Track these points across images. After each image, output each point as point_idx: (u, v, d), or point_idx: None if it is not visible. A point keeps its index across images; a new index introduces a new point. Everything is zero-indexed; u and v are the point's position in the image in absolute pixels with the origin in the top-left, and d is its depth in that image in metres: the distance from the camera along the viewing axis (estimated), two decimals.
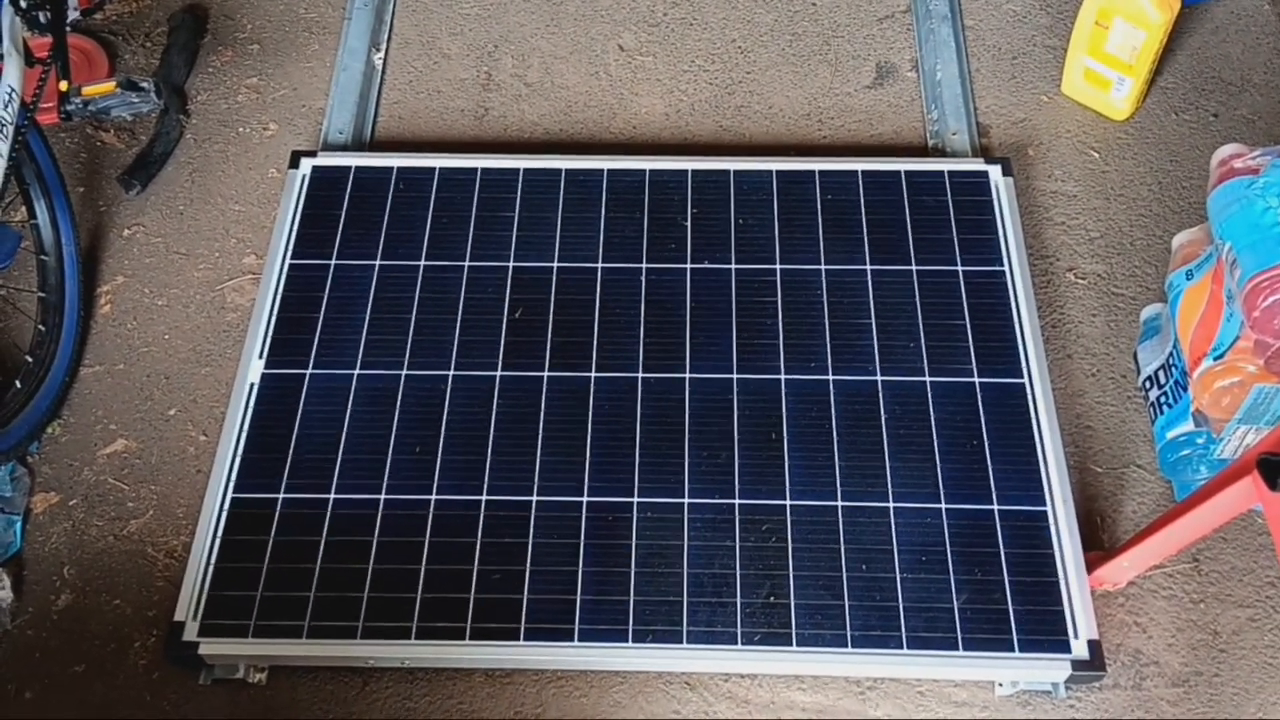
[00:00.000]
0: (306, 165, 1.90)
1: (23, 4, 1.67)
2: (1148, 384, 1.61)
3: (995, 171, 1.86)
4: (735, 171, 1.89)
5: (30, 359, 1.70)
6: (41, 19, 1.72)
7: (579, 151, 2.01)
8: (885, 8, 2.17)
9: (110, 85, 1.74)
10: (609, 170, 1.90)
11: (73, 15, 2.12)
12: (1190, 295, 1.45)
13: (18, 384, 1.65)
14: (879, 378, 1.66)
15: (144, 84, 1.78)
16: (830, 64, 2.11)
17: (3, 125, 1.56)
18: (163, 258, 1.90)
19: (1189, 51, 2.06)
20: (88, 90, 1.74)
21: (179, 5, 2.22)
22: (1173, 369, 1.52)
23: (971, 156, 1.94)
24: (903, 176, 1.87)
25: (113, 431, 1.72)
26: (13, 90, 1.59)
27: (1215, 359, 1.37)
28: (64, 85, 1.73)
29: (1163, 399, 1.54)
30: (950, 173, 1.87)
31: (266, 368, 1.69)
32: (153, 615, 1.57)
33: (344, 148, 1.99)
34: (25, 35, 1.69)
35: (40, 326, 1.72)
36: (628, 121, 2.05)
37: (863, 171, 1.88)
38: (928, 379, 1.65)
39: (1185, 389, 1.48)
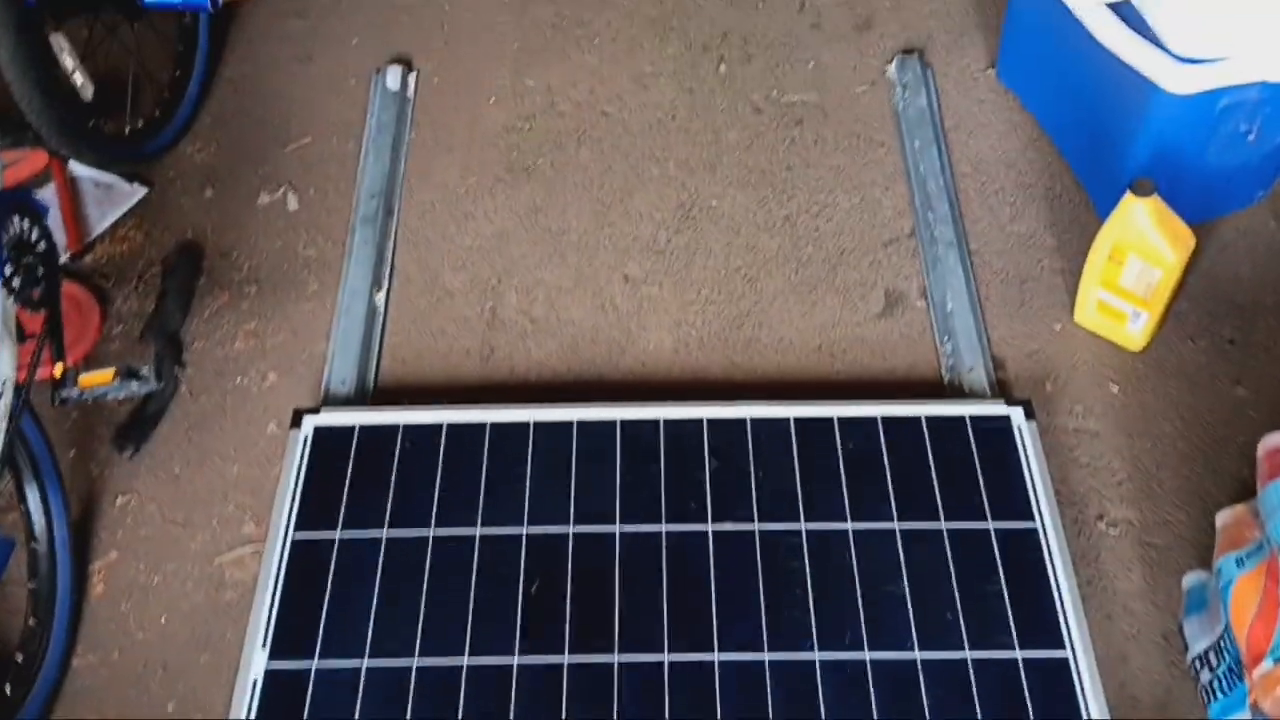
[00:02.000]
0: (309, 425, 1.84)
1: (15, 284, 1.61)
2: (1197, 663, 1.54)
3: (1017, 414, 1.82)
4: (752, 419, 1.84)
5: (20, 657, 1.60)
6: (35, 296, 1.66)
7: (588, 392, 1.96)
8: (889, 232, 2.16)
9: (108, 374, 1.69)
10: (622, 420, 1.85)
11: (62, 259, 2.08)
12: (1243, 586, 1.40)
13: (8, 689, 1.55)
14: (918, 655, 1.59)
15: (143, 370, 1.72)
16: (838, 292, 2.08)
17: None
18: (158, 528, 1.82)
19: (1199, 273, 2.05)
20: (84, 379, 1.68)
21: (173, 245, 2.18)
22: (1224, 653, 1.46)
23: (990, 396, 1.90)
24: (923, 422, 1.83)
25: None
26: (4, 381, 1.53)
27: (1276, 661, 1.31)
28: (58, 370, 1.67)
29: (1215, 684, 1.48)
30: (971, 417, 1.83)
31: (271, 659, 1.60)
32: None
33: (347, 400, 1.93)
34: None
35: (30, 620, 1.63)
36: (636, 358, 2.01)
37: (882, 417, 1.83)
38: (968, 655, 1.58)
39: (1240, 678, 1.42)
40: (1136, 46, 1.86)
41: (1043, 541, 1.69)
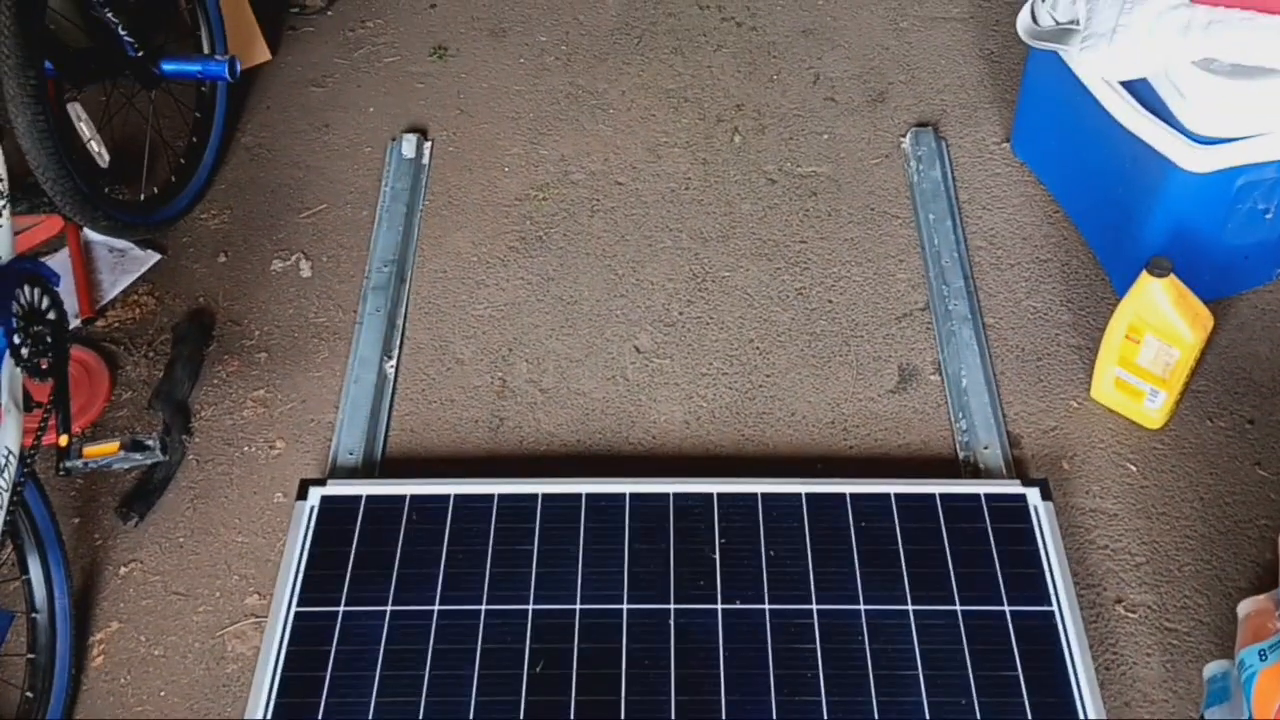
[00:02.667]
0: (315, 495, 1.82)
1: (24, 353, 1.61)
2: None
3: (1033, 494, 1.79)
4: (763, 495, 1.81)
5: None
6: (43, 365, 1.65)
7: (598, 465, 1.94)
8: (903, 305, 2.14)
9: (114, 446, 1.67)
10: (631, 494, 1.82)
11: (74, 324, 2.08)
12: (1266, 679, 1.36)
13: None
14: None
15: (149, 441, 1.71)
16: (851, 366, 2.06)
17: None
18: (160, 599, 1.79)
19: (1217, 351, 2.02)
20: (89, 451, 1.66)
21: (184, 311, 2.18)
22: None
23: (1006, 474, 1.88)
24: (938, 500, 1.80)
25: None
26: (9, 452, 1.52)
27: None
28: (64, 440, 1.66)
29: None
30: (987, 496, 1.80)
31: None
32: None
33: (354, 470, 1.91)
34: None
35: (28, 693, 1.60)
36: (647, 431, 1.99)
37: (896, 495, 1.80)
38: None
39: None
40: (1153, 125, 1.86)
41: (1059, 626, 1.65)
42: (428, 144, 2.46)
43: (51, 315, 1.71)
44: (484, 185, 2.39)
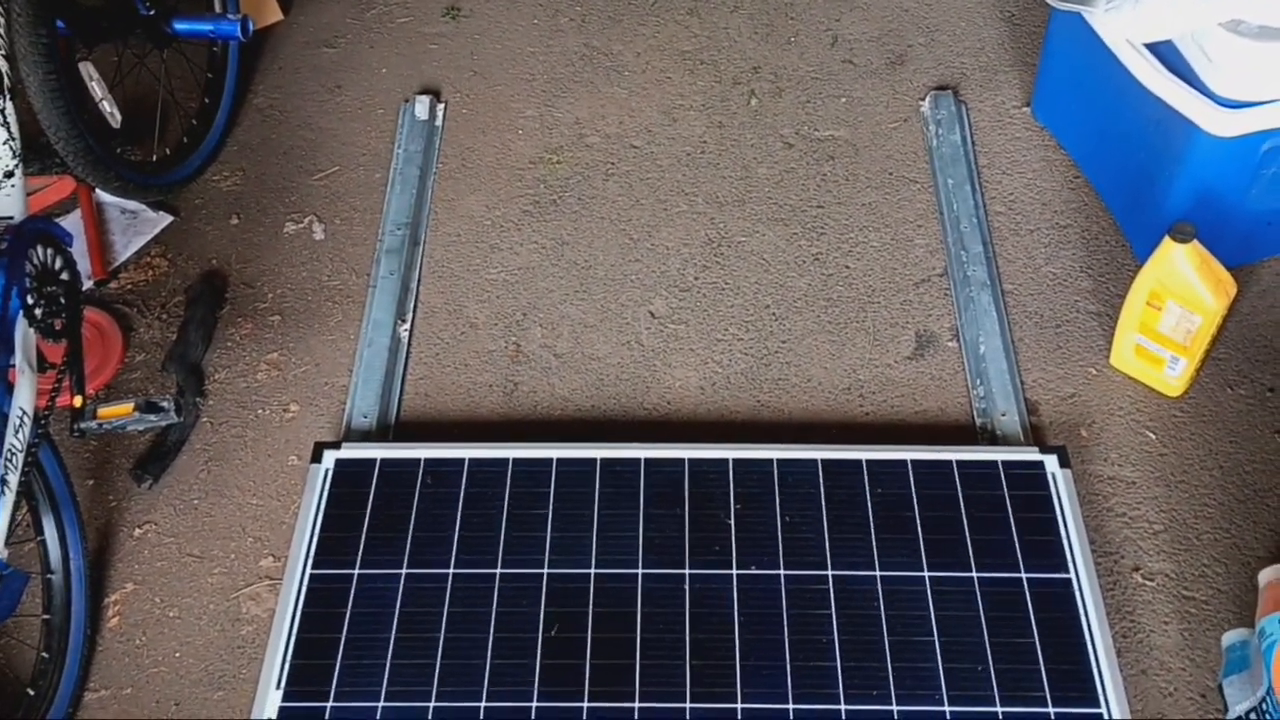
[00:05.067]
0: (329, 458, 1.82)
1: (37, 314, 1.60)
2: None
3: (1051, 461, 1.78)
4: (779, 461, 1.80)
5: (31, 691, 1.58)
6: (57, 326, 1.64)
7: (612, 431, 1.93)
8: (921, 271, 2.12)
9: (128, 408, 1.67)
10: (646, 460, 1.81)
11: (86, 287, 2.07)
12: None
13: None
14: (947, 709, 1.54)
15: (163, 403, 1.70)
16: (868, 333, 2.04)
17: (13, 454, 1.47)
18: (175, 561, 1.79)
19: (1238, 318, 2.00)
20: (103, 412, 1.66)
21: (197, 273, 2.17)
22: (1267, 716, 1.41)
23: (1024, 441, 1.86)
24: (954, 467, 1.78)
25: None
26: (24, 413, 1.51)
27: None
28: (78, 401, 1.65)
29: None
30: (1004, 463, 1.79)
31: (285, 700, 1.57)
32: None
33: (368, 433, 1.90)
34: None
35: (44, 654, 1.61)
36: (662, 396, 1.97)
37: (912, 461, 1.79)
38: (999, 710, 1.54)
39: None
40: (1178, 88, 1.83)
41: (1077, 593, 1.64)
42: (441, 106, 2.44)
43: (65, 276, 1.70)
44: (498, 148, 2.37)
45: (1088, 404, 1.93)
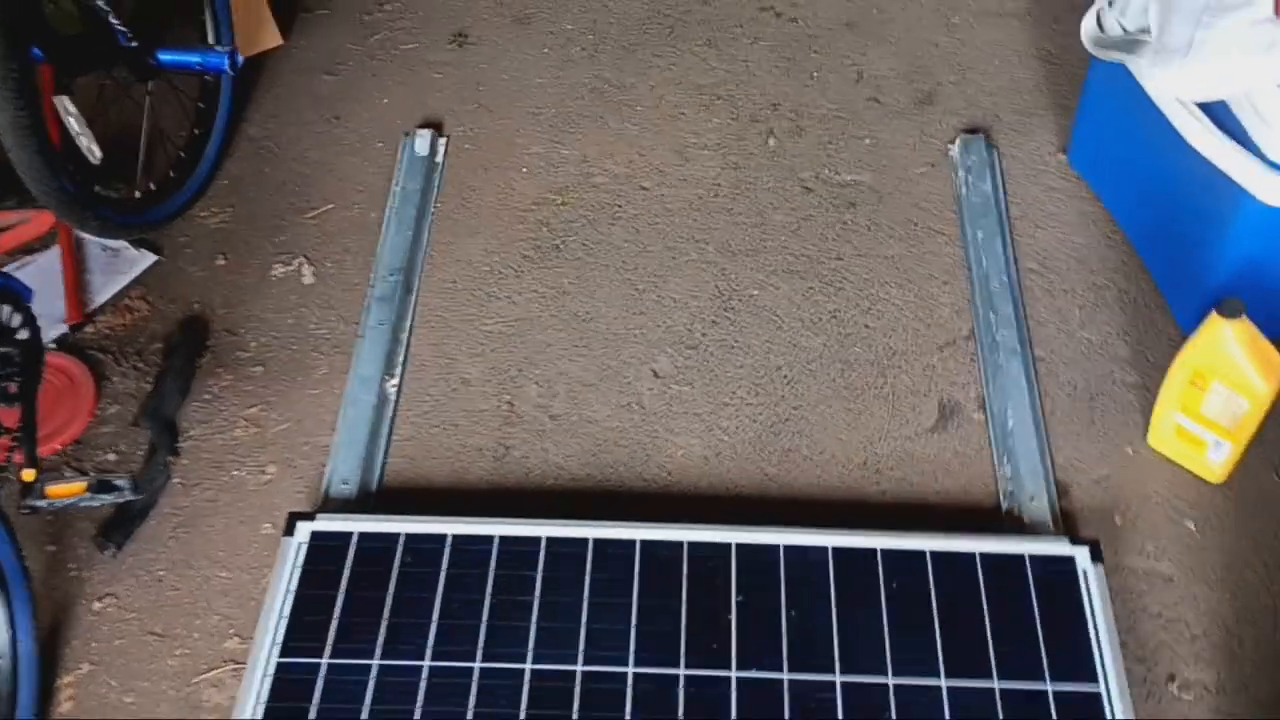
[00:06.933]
0: (304, 530, 1.70)
1: None
2: None
3: (1082, 556, 1.64)
4: (785, 547, 1.67)
5: None
6: (10, 390, 1.53)
7: (608, 503, 1.80)
8: (945, 333, 1.98)
9: (80, 485, 1.55)
10: (642, 541, 1.69)
11: (60, 331, 1.96)
12: None
13: None
14: None
15: (119, 481, 1.59)
16: (887, 400, 1.90)
17: None
18: (135, 639, 1.68)
19: None
20: (52, 490, 1.54)
21: (178, 317, 2.05)
22: None
23: (1053, 529, 1.72)
24: (977, 560, 1.65)
25: None
26: None
27: None
28: (29, 475, 1.53)
29: None
30: (1031, 557, 1.65)
31: None
32: None
33: (348, 501, 1.78)
34: None
35: None
36: (662, 466, 1.84)
37: (932, 552, 1.65)
38: None
39: None
40: (1229, 150, 1.68)
41: (1107, 708, 1.50)
42: (442, 140, 2.32)
43: (23, 335, 1.59)
44: (500, 187, 2.24)
45: (1122, 487, 1.78)
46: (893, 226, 2.15)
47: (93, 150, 1.96)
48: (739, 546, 1.67)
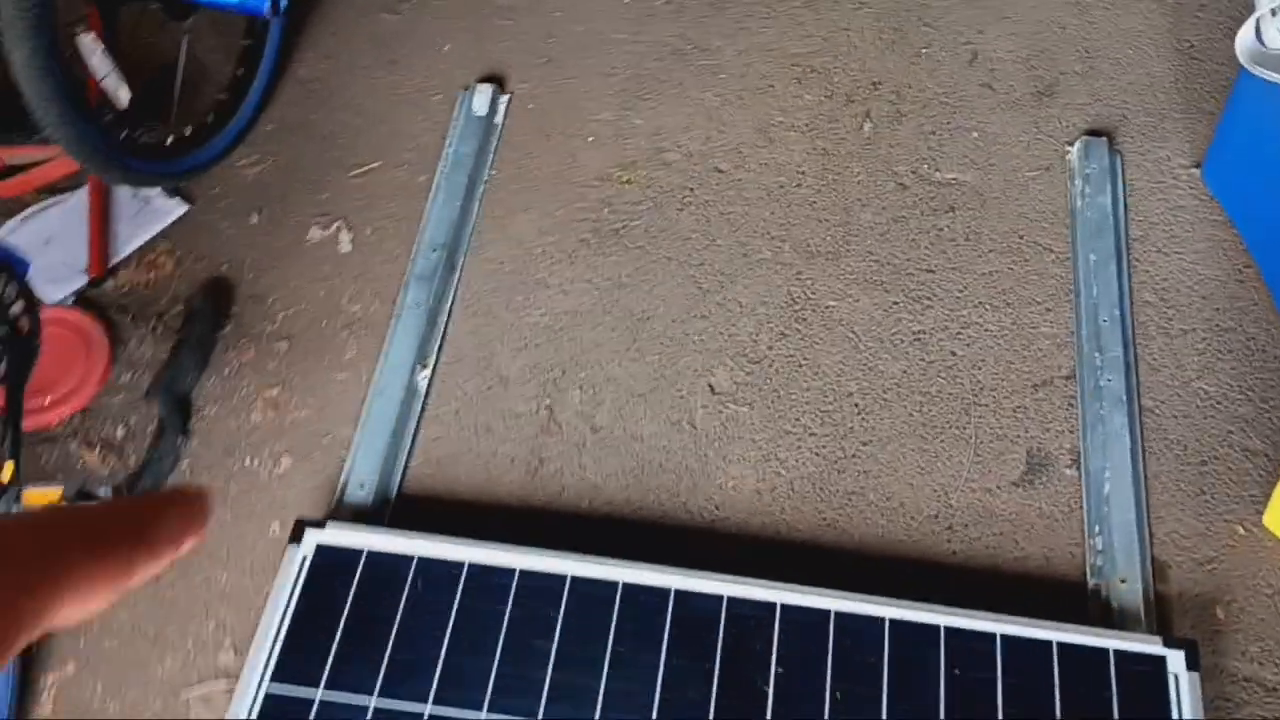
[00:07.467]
0: (311, 540, 1.55)
1: None
2: None
3: (1176, 660, 1.43)
4: (836, 614, 1.49)
5: None
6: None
7: (645, 533, 1.63)
8: (1043, 370, 1.76)
9: (55, 493, 1.41)
10: (677, 590, 1.51)
11: (79, 284, 1.83)
12: None
13: None
14: None
15: (100, 493, 1.44)
16: (968, 443, 1.69)
17: None
18: (126, 640, 1.55)
19: None
20: (29, 495, 1.40)
21: (204, 278, 1.90)
22: None
23: (1144, 619, 1.51)
24: (1054, 650, 1.45)
25: None
26: None
27: None
28: (7, 472, 1.40)
29: None
30: (1117, 653, 1.44)
31: None
32: None
33: (362, 509, 1.63)
34: None
35: None
36: (709, 498, 1.66)
37: (1003, 636, 1.46)
38: None
39: None
40: None
41: None
42: (504, 98, 2.12)
43: (15, 309, 1.44)
44: (562, 157, 2.04)
45: (1230, 574, 1.56)
46: (994, 238, 1.91)
47: (119, 94, 1.79)
48: (784, 608, 1.49)
